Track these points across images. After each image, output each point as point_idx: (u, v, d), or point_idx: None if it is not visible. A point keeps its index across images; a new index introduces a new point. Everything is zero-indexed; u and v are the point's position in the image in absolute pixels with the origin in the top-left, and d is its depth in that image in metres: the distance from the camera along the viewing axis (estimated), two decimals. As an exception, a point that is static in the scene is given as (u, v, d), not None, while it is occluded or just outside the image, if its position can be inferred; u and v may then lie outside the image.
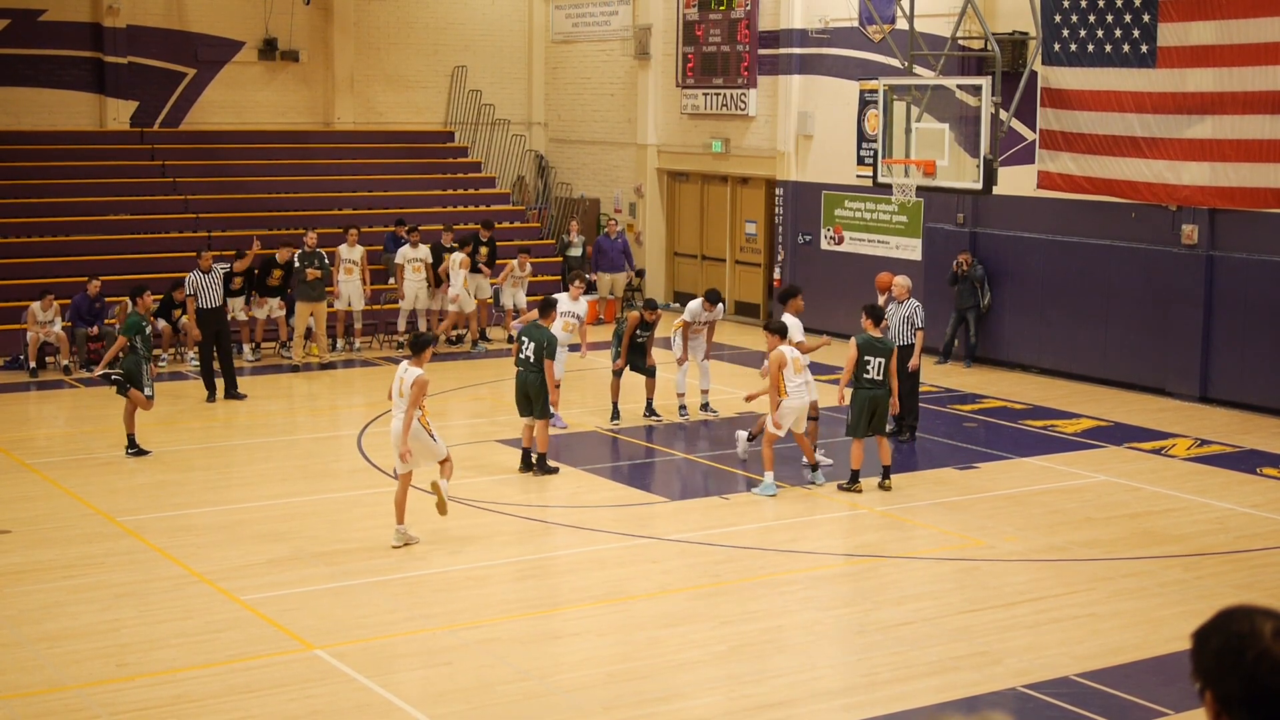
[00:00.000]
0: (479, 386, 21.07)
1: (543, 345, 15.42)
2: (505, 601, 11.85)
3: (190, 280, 19.93)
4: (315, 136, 29.14)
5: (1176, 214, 19.88)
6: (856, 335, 15.24)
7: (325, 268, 22.13)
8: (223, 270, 20.56)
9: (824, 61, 24.89)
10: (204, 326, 19.68)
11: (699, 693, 9.85)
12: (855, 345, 15.07)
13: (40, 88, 26.90)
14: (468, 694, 9.74)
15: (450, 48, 30.40)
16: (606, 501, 14.90)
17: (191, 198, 26.49)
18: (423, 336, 13.44)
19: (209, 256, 20.19)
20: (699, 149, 27.44)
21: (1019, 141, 21.25)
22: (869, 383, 15.00)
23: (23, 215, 25.09)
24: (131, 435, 16.46)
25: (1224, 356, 19.57)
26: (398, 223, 25.69)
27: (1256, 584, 12.29)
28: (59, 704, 9.54)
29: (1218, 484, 15.65)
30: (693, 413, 18.63)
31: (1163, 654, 10.53)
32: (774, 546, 13.45)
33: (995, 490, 15.36)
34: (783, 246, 26.02)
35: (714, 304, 18.42)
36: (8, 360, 21.97)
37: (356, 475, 15.85)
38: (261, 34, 28.61)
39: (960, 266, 22.05)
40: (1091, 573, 12.53)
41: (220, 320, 19.85)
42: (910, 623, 11.24)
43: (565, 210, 30.35)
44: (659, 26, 28.02)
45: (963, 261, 22.05)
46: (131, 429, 16.45)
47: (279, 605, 11.50)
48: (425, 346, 13.16)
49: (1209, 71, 18.74)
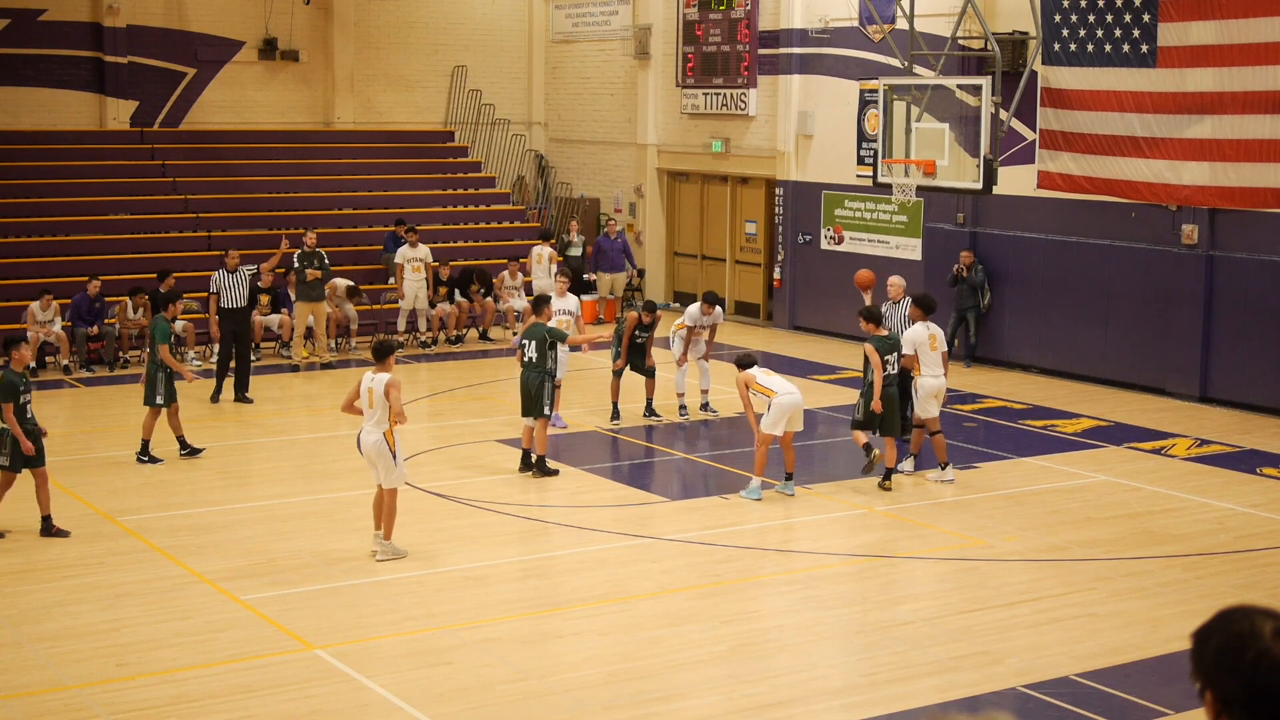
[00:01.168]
0: (479, 386, 21.07)
1: (544, 339, 15.42)
2: (505, 601, 11.85)
3: (215, 279, 19.98)
4: (315, 136, 29.14)
5: (1176, 214, 19.88)
6: (867, 340, 15.30)
7: (325, 268, 22.14)
8: (249, 271, 20.60)
9: (824, 61, 24.90)
10: (224, 326, 19.67)
11: (699, 693, 9.85)
12: (873, 349, 15.11)
13: (40, 87, 26.90)
14: (468, 694, 9.74)
15: (450, 48, 30.40)
16: (606, 501, 14.90)
17: (191, 198, 26.49)
18: (386, 343, 12.93)
19: (236, 255, 20.23)
20: (699, 149, 27.44)
21: (1019, 141, 21.26)
22: (886, 379, 15.04)
23: (23, 215, 25.09)
24: (181, 437, 16.33)
25: (1224, 356, 19.57)
26: (397, 222, 25.73)
27: (1256, 584, 12.30)
28: (59, 704, 9.55)
29: (1218, 484, 15.65)
30: (693, 413, 18.63)
31: (1163, 654, 10.53)
32: (774, 546, 13.46)
33: (995, 490, 15.36)
34: (783, 246, 26.02)
35: (712, 306, 18.41)
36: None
37: (356, 475, 15.82)
38: (261, 34, 28.61)
39: (961, 269, 22.04)
40: (1091, 573, 12.53)
41: (240, 321, 19.79)
42: (910, 623, 11.25)
43: (565, 210, 30.35)
44: (659, 26, 28.02)
45: (964, 263, 22.04)
46: (179, 431, 16.33)
47: (279, 605, 11.50)
48: (389, 353, 12.72)
49: (1209, 71, 18.74)
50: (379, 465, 12.54)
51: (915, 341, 15.55)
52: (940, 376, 15.56)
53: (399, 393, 12.50)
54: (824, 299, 25.30)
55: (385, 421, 12.46)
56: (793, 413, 14.67)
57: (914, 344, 15.53)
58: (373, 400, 12.48)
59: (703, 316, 18.44)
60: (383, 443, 12.44)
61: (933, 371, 15.49)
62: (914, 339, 15.58)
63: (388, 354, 12.72)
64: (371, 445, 12.50)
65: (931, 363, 15.50)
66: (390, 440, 12.46)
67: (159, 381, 16.03)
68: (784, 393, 14.63)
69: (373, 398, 12.48)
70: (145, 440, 16.23)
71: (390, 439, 12.47)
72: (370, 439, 12.49)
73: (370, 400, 12.50)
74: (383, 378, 12.49)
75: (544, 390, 15.43)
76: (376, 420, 12.47)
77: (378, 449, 12.46)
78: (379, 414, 12.46)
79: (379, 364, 12.67)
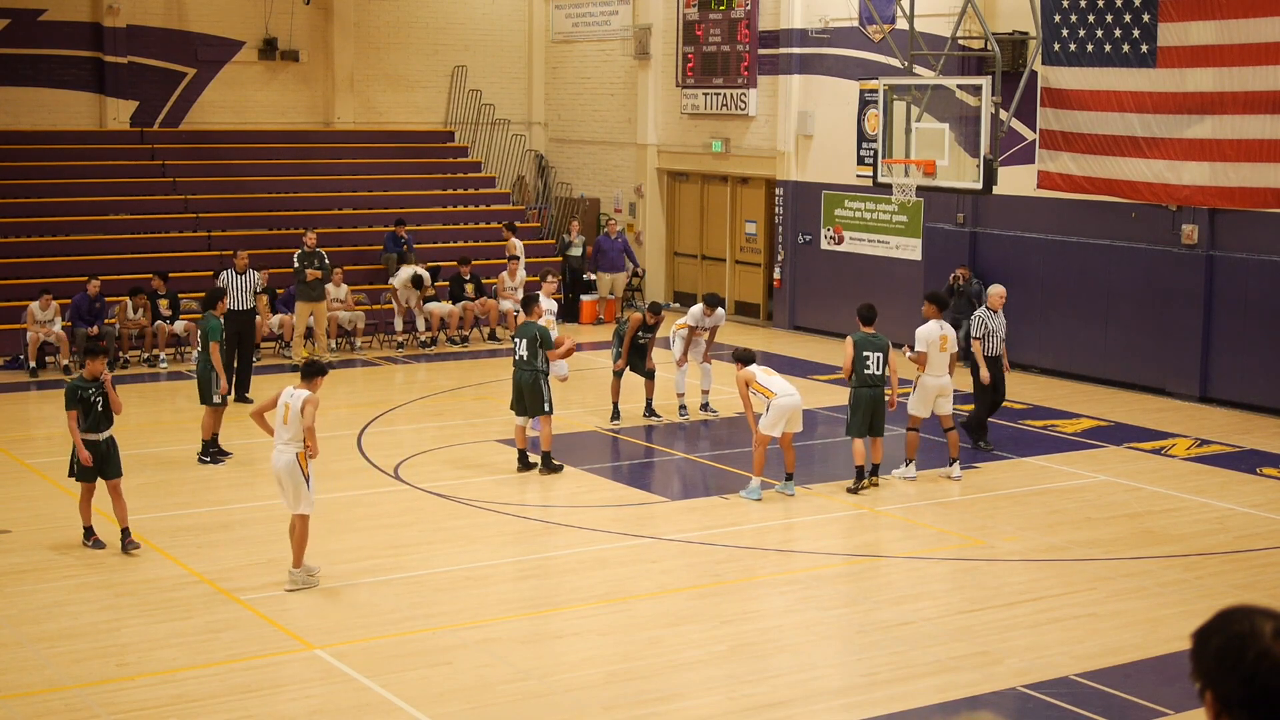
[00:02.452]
0: (479, 386, 21.07)
1: (535, 339, 15.48)
2: (505, 601, 11.85)
3: (222, 279, 19.98)
4: (315, 136, 29.14)
5: (1176, 214, 19.88)
6: (853, 334, 15.27)
7: (325, 268, 22.14)
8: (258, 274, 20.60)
9: (824, 61, 24.90)
10: (229, 326, 19.63)
11: (699, 693, 9.85)
12: (852, 342, 15.10)
13: (40, 87, 26.90)
14: (468, 694, 9.74)
15: (450, 48, 30.40)
16: (606, 501, 14.90)
17: (191, 198, 26.49)
18: (315, 363, 12.20)
19: (245, 256, 20.24)
20: (699, 149, 27.44)
21: (1019, 141, 21.26)
22: (871, 380, 15.00)
23: (23, 215, 25.09)
24: (207, 440, 16.26)
25: (1224, 356, 19.57)
26: (398, 223, 25.73)
27: (1256, 584, 12.30)
28: (59, 704, 9.54)
29: (1218, 484, 15.65)
30: (693, 413, 18.63)
31: (1163, 654, 10.53)
32: (774, 546, 13.46)
33: (995, 490, 15.36)
34: (783, 246, 26.02)
35: (713, 308, 18.42)
36: (8, 360, 21.97)
37: (356, 475, 15.84)
38: (261, 34, 28.61)
39: (957, 279, 22.03)
40: (1091, 573, 12.53)
41: (245, 323, 19.78)
42: (910, 623, 11.24)
43: (565, 210, 30.35)
44: (659, 26, 28.02)
45: (960, 275, 22.03)
46: (217, 428, 16.26)
47: (279, 605, 11.50)
48: (318, 374, 12.04)
49: (1209, 71, 18.74)
50: (289, 488, 11.82)
51: (927, 339, 15.54)
52: (945, 377, 15.55)
53: (315, 409, 11.80)
54: (824, 299, 25.30)
55: (299, 441, 11.75)
56: (791, 414, 14.64)
57: (926, 341, 15.52)
58: (288, 416, 11.75)
59: (704, 319, 18.44)
60: (295, 465, 11.73)
61: (936, 372, 15.49)
62: (926, 336, 15.56)
63: (315, 375, 12.01)
64: (284, 466, 11.76)
65: (939, 363, 15.49)
66: (303, 462, 11.75)
67: (213, 380, 15.98)
68: (783, 394, 14.61)
69: (289, 414, 11.75)
70: (205, 440, 16.17)
71: (303, 461, 11.76)
72: (283, 459, 11.76)
73: (286, 416, 11.77)
74: (302, 394, 11.80)
75: (540, 387, 15.47)
76: (290, 438, 11.76)
77: (289, 470, 11.75)
78: (293, 430, 11.74)
79: (306, 382, 11.94)
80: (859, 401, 15.02)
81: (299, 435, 11.74)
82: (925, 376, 15.46)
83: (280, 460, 11.81)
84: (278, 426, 11.86)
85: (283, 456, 11.79)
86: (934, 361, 15.47)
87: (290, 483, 11.79)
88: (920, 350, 15.47)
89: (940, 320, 15.70)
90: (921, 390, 15.49)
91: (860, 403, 15.01)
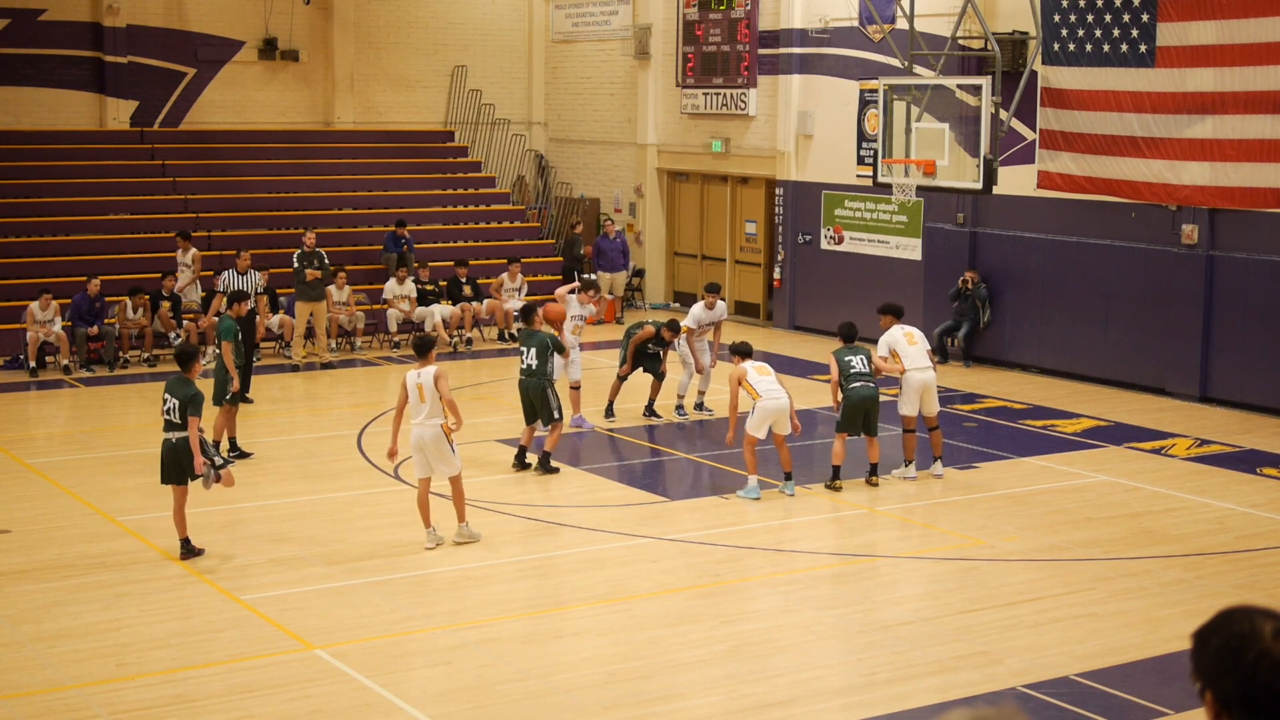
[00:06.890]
0: (479, 386, 21.07)
1: (545, 347, 15.46)
2: (506, 601, 11.85)
3: (224, 279, 19.97)
4: (315, 136, 29.13)
5: (1176, 214, 19.88)
6: (834, 351, 15.37)
7: (325, 268, 22.14)
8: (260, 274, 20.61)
9: (824, 61, 24.90)
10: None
11: (699, 693, 9.85)
12: (834, 358, 15.23)
13: (40, 87, 26.90)
14: (468, 694, 9.74)
15: (450, 48, 30.40)
16: (607, 501, 14.90)
17: (191, 197, 26.49)
18: (426, 338, 13.27)
19: (247, 257, 20.24)
20: (699, 149, 27.44)
21: (1019, 141, 21.26)
22: (859, 378, 15.03)
23: (23, 215, 25.09)
24: (218, 442, 16.21)
25: (1224, 356, 19.57)
26: (398, 223, 25.73)
27: (1256, 584, 12.30)
28: (59, 704, 9.54)
29: (1218, 484, 15.65)
30: (689, 411, 18.62)
31: (1163, 654, 10.54)
32: (774, 546, 13.46)
33: (995, 490, 15.36)
34: (783, 246, 26.03)
35: (713, 295, 18.47)
36: (8, 360, 21.97)
37: (356, 475, 15.85)
38: (261, 34, 28.61)
39: (966, 283, 22.04)
40: (1091, 573, 12.53)
41: (246, 322, 19.75)
42: (910, 623, 11.25)
43: (565, 210, 30.35)
44: (659, 26, 28.02)
45: (969, 279, 22.06)
46: (232, 431, 16.26)
47: (279, 605, 11.50)
48: (430, 348, 13.02)
49: (1209, 71, 18.74)
50: (434, 457, 12.72)
51: (890, 342, 15.65)
52: (928, 369, 15.55)
53: (447, 382, 12.74)
54: (824, 299, 25.29)
55: (439, 414, 12.67)
56: (776, 417, 14.67)
57: (889, 345, 15.63)
58: (424, 394, 12.65)
59: (706, 312, 18.44)
60: (440, 436, 12.65)
61: (918, 365, 15.48)
62: (888, 340, 15.69)
63: (428, 349, 12.95)
64: (430, 439, 12.67)
65: (915, 356, 15.50)
66: (447, 432, 12.69)
67: (228, 381, 15.98)
68: (768, 396, 14.63)
69: (424, 392, 12.65)
70: (215, 441, 16.13)
71: (447, 431, 12.69)
72: (429, 433, 12.67)
73: (421, 395, 12.66)
74: (429, 370, 12.73)
75: (547, 397, 15.45)
76: (428, 413, 12.64)
77: (435, 442, 12.66)
78: (430, 407, 12.64)
79: (421, 359, 12.89)
80: (850, 399, 15.05)
81: (437, 410, 12.67)
82: (908, 374, 15.47)
83: (426, 434, 12.66)
84: (414, 405, 12.70)
85: (427, 431, 12.67)
86: (910, 355, 15.51)
87: (437, 452, 12.71)
88: (883, 355, 15.56)
89: (900, 324, 15.79)
90: (907, 388, 15.49)
91: (852, 402, 15.03)
